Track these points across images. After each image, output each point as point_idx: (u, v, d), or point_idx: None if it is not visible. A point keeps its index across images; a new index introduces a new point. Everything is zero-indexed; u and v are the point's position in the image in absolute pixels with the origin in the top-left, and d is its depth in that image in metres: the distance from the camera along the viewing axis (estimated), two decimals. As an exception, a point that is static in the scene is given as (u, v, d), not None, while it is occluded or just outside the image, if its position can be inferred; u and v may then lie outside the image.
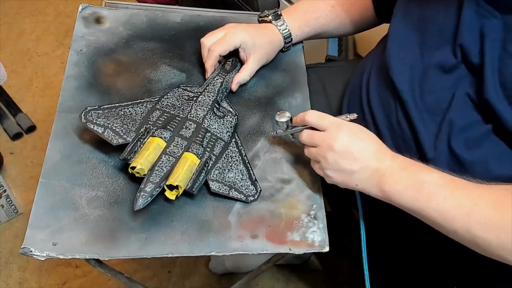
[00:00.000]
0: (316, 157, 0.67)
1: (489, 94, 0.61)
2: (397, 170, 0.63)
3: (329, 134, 0.66)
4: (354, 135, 0.65)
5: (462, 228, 0.57)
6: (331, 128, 0.66)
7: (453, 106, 0.66)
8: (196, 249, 0.66)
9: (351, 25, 0.91)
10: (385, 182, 0.63)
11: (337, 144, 0.64)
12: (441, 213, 0.59)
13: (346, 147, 0.64)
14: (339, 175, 0.66)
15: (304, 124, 0.70)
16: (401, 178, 0.62)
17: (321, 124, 0.67)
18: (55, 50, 1.80)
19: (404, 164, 0.64)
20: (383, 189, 0.63)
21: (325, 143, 0.65)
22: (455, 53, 0.65)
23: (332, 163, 0.65)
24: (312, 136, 0.68)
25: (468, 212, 0.57)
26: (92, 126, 0.70)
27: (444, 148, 0.67)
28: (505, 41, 0.60)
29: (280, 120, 0.73)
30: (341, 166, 0.65)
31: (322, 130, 0.67)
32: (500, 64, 0.60)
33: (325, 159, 0.66)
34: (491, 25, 0.61)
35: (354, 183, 0.66)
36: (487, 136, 0.64)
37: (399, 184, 0.62)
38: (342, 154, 0.64)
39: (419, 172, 0.62)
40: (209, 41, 0.82)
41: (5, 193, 1.30)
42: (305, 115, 0.68)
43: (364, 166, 0.64)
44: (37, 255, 0.63)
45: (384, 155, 0.65)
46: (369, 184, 0.65)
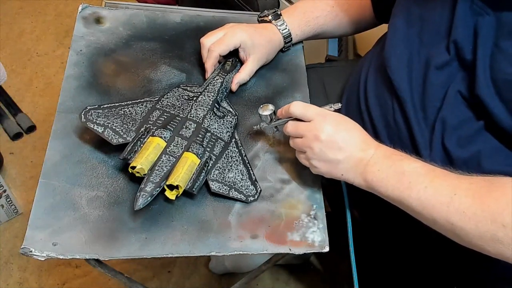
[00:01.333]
0: (301, 148, 0.68)
1: (480, 90, 0.61)
2: (381, 159, 0.64)
3: (315, 124, 0.66)
4: (339, 125, 0.66)
5: (441, 217, 0.58)
6: (317, 118, 0.66)
7: (445, 104, 0.66)
8: (196, 249, 0.66)
9: (350, 25, 0.91)
10: (368, 171, 0.64)
11: (323, 134, 0.65)
12: (421, 201, 0.59)
13: (332, 136, 0.65)
14: (324, 164, 0.67)
15: (288, 116, 0.70)
16: (383, 167, 0.63)
17: (306, 115, 0.67)
18: (55, 50, 1.80)
19: (388, 153, 0.65)
20: (366, 178, 0.64)
21: (311, 133, 0.66)
22: (448, 50, 0.66)
23: (318, 153, 0.66)
24: (297, 127, 0.68)
25: (448, 202, 0.57)
26: (92, 126, 0.70)
27: (438, 147, 0.67)
28: (497, 38, 0.61)
29: (264, 114, 0.74)
30: (327, 156, 0.65)
31: (307, 121, 0.67)
32: (491, 60, 0.61)
33: (311, 149, 0.66)
34: (484, 22, 0.62)
35: (339, 172, 0.66)
36: (479, 133, 0.64)
37: (382, 173, 0.63)
38: (327, 144, 0.65)
39: (400, 161, 0.63)
40: (209, 41, 0.82)
41: (5, 193, 1.30)
42: (289, 106, 0.69)
43: (349, 155, 0.65)
44: (37, 255, 0.63)
45: (368, 145, 0.66)
46: (353, 174, 0.66)
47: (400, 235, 0.84)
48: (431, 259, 0.82)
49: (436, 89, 0.67)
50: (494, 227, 0.54)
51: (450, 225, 0.57)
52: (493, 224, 0.54)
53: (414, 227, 0.67)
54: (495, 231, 0.54)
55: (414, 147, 0.70)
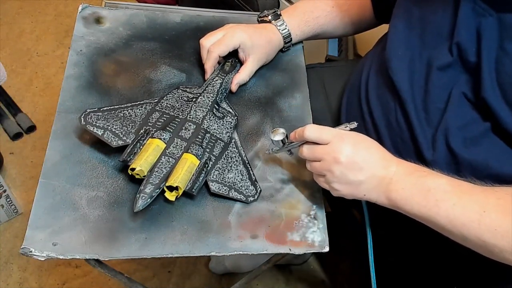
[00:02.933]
0: (321, 171, 0.66)
1: (486, 93, 0.61)
2: (403, 176, 0.62)
3: (333, 147, 0.64)
4: (357, 145, 0.64)
5: (472, 235, 0.57)
6: (334, 140, 0.64)
7: (450, 106, 0.66)
8: (196, 249, 0.66)
9: (350, 26, 0.91)
10: (391, 190, 0.62)
11: (342, 156, 0.62)
12: (450, 220, 0.58)
13: (352, 157, 0.62)
14: (346, 187, 0.64)
15: (303, 140, 0.67)
16: (407, 184, 0.61)
17: (322, 138, 0.65)
18: (55, 50, 1.80)
19: (410, 169, 0.63)
20: (389, 196, 0.63)
21: (330, 156, 0.63)
22: (451, 51, 0.65)
23: (339, 176, 0.63)
24: (314, 151, 0.66)
25: (478, 219, 0.56)
26: (91, 128, 0.70)
27: (442, 148, 0.67)
28: (501, 40, 0.60)
29: (275, 139, 0.70)
30: (348, 178, 0.63)
31: (323, 144, 0.65)
32: (497, 63, 0.60)
33: (331, 172, 0.64)
34: (487, 23, 0.62)
35: (361, 193, 0.64)
36: (485, 135, 0.64)
37: (406, 191, 0.61)
38: (348, 166, 0.62)
39: (425, 177, 0.61)
40: (208, 42, 0.82)
41: (5, 193, 1.30)
42: (303, 130, 0.66)
43: (371, 175, 0.63)
44: (37, 255, 0.63)
45: (389, 161, 0.64)
46: (376, 193, 0.64)
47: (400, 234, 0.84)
48: (431, 259, 0.82)
49: (439, 91, 0.67)
50: None
51: (482, 242, 0.57)
52: None
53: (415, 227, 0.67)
54: None
55: (416, 147, 0.69)
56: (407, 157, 0.70)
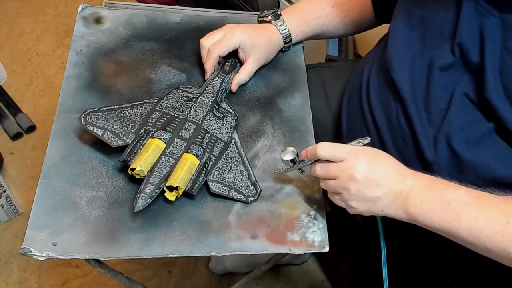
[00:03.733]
0: (336, 190, 0.64)
1: (490, 94, 0.61)
2: (421, 189, 0.61)
3: (348, 164, 0.62)
4: (372, 161, 0.63)
5: (496, 247, 0.56)
6: (348, 157, 0.63)
7: (452, 106, 0.65)
8: (196, 249, 0.66)
9: (350, 26, 0.91)
10: (410, 204, 0.61)
11: (358, 173, 0.61)
12: (472, 232, 0.57)
13: (367, 174, 0.61)
14: (363, 204, 0.63)
15: (315, 158, 0.66)
16: (426, 198, 0.60)
17: (335, 156, 0.64)
18: (55, 50, 1.80)
19: (427, 182, 0.62)
20: (408, 211, 0.62)
21: (345, 174, 0.62)
22: (453, 52, 0.65)
23: (356, 193, 0.62)
24: (328, 169, 0.65)
25: (502, 231, 0.56)
26: (91, 128, 0.70)
27: (444, 149, 0.66)
28: (505, 40, 0.60)
29: (285, 159, 0.69)
30: (365, 195, 0.62)
31: (337, 161, 0.64)
32: (501, 64, 0.60)
33: (347, 190, 0.63)
34: (490, 24, 0.61)
35: (379, 209, 0.63)
36: (488, 136, 0.64)
37: (425, 205, 0.60)
38: (364, 182, 0.61)
39: (443, 190, 0.60)
40: (208, 42, 0.82)
41: (5, 193, 1.30)
42: (316, 149, 0.64)
43: (387, 190, 0.62)
44: (37, 255, 0.63)
45: (405, 175, 0.63)
46: (394, 208, 0.63)
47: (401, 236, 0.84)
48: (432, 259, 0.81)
49: (441, 91, 0.67)
50: None
51: (507, 253, 0.56)
52: None
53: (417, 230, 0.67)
54: None
55: (417, 147, 0.69)
56: (408, 157, 0.70)
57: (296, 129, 0.81)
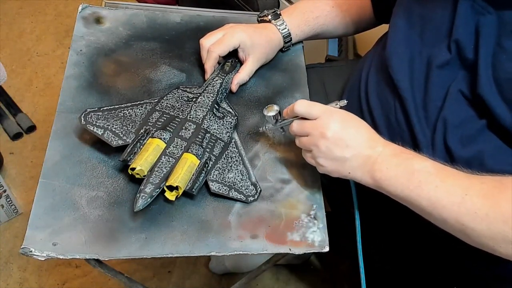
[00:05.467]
0: (308, 146, 0.67)
1: (483, 89, 0.61)
2: (389, 157, 0.63)
3: (321, 122, 0.65)
4: (346, 122, 0.65)
5: (452, 217, 0.57)
6: (323, 116, 0.65)
7: (447, 103, 0.66)
8: (196, 249, 0.66)
9: (350, 26, 0.91)
10: (376, 169, 0.63)
11: (329, 131, 0.63)
12: (431, 202, 0.59)
13: (339, 134, 0.63)
14: (331, 163, 0.65)
15: (294, 115, 0.68)
16: (392, 165, 0.62)
17: (311, 113, 0.66)
18: (55, 50, 1.80)
19: (396, 150, 0.64)
20: (374, 176, 0.63)
21: (317, 131, 0.65)
22: (450, 49, 0.66)
23: (325, 151, 0.64)
24: (303, 126, 0.67)
25: (459, 202, 0.57)
26: (91, 128, 0.70)
27: (440, 146, 0.67)
28: (499, 37, 0.60)
29: (268, 114, 0.72)
30: (334, 154, 0.64)
31: (312, 119, 0.66)
32: (493, 60, 0.61)
33: (317, 147, 0.65)
34: (486, 21, 0.62)
35: (346, 171, 0.65)
36: (481, 132, 0.64)
37: (390, 171, 0.62)
38: (334, 141, 0.63)
39: (410, 159, 0.62)
40: (208, 42, 0.82)
41: (5, 193, 1.30)
42: (294, 105, 0.67)
43: (357, 153, 0.63)
44: (37, 255, 0.63)
45: (376, 142, 0.65)
46: (361, 172, 0.64)
47: (400, 233, 0.84)
48: (431, 258, 0.82)
49: (438, 88, 0.67)
50: (507, 228, 0.54)
51: (461, 225, 0.57)
52: (505, 225, 0.54)
53: (415, 225, 0.67)
54: (507, 232, 0.54)
55: (416, 146, 0.70)
56: None
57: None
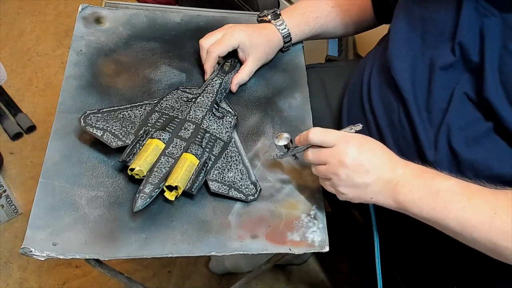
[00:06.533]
0: (326, 175, 0.65)
1: (489, 93, 0.61)
2: (411, 178, 0.61)
3: (338, 150, 0.63)
4: (363, 147, 0.63)
5: (482, 237, 0.56)
6: (339, 143, 0.63)
7: (452, 106, 0.66)
8: (196, 249, 0.66)
9: (350, 26, 0.91)
10: (399, 192, 0.61)
11: (348, 158, 0.62)
12: (460, 222, 0.57)
13: (357, 160, 0.62)
14: (352, 190, 0.64)
15: (307, 143, 0.66)
16: (415, 187, 0.61)
17: (326, 141, 0.64)
18: (55, 50, 1.80)
19: (417, 171, 0.62)
20: (397, 199, 0.62)
21: (335, 159, 0.63)
22: (454, 51, 0.65)
23: (345, 179, 0.63)
24: (319, 154, 0.65)
25: (489, 222, 0.56)
26: (91, 130, 0.70)
27: (444, 149, 0.67)
28: (505, 40, 0.60)
29: (279, 144, 0.70)
30: (355, 181, 0.62)
31: (328, 147, 0.64)
32: (500, 63, 0.60)
33: (337, 175, 0.63)
34: (490, 23, 0.62)
35: (368, 196, 0.64)
36: (487, 135, 0.64)
37: (414, 193, 0.60)
38: (354, 168, 0.62)
39: (433, 179, 0.61)
40: (207, 43, 0.82)
41: (5, 193, 1.30)
42: (307, 134, 0.65)
43: (377, 177, 0.62)
44: (37, 255, 0.63)
45: (395, 163, 0.63)
46: (383, 196, 0.63)
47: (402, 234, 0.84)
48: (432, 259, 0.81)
49: (441, 90, 0.67)
50: None
51: (492, 244, 0.56)
52: None
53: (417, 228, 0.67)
54: None
55: (418, 147, 0.69)
56: (410, 156, 0.70)
57: (296, 129, 0.81)
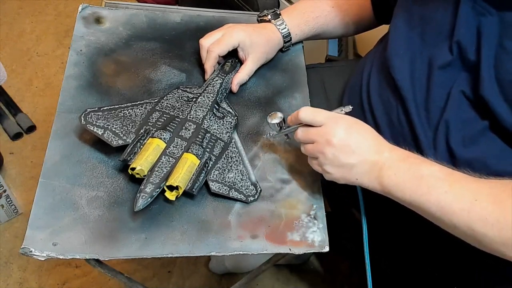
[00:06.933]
0: (313, 153, 0.66)
1: (485, 91, 0.61)
2: (396, 162, 0.62)
3: (326, 129, 0.64)
4: (351, 128, 0.64)
5: (462, 223, 0.57)
6: (328, 122, 0.64)
7: (449, 104, 0.66)
8: (196, 249, 0.66)
9: (350, 26, 0.91)
10: (383, 175, 0.62)
11: (335, 138, 0.63)
12: (441, 207, 0.58)
13: (344, 140, 0.63)
14: (338, 170, 0.65)
15: (298, 122, 0.68)
16: (400, 170, 0.61)
17: (316, 120, 0.65)
18: (55, 50, 1.80)
19: (403, 155, 0.63)
20: (382, 182, 0.63)
21: (323, 138, 0.64)
22: (451, 50, 0.65)
23: (331, 158, 0.64)
24: (308, 133, 0.66)
25: (469, 207, 0.56)
26: (92, 128, 0.70)
27: (442, 147, 0.67)
28: (501, 38, 0.60)
29: (272, 122, 0.72)
30: (340, 161, 0.63)
31: (317, 126, 0.66)
32: (496, 61, 0.60)
33: (323, 154, 0.64)
34: (487, 22, 0.62)
35: (353, 177, 0.64)
36: (483, 133, 0.64)
37: (398, 177, 0.61)
38: (340, 148, 0.63)
39: (418, 164, 0.61)
40: (207, 42, 0.82)
41: (5, 193, 1.30)
42: (298, 112, 0.67)
43: (363, 159, 0.63)
44: (37, 255, 0.63)
45: (382, 147, 0.64)
46: (368, 178, 0.64)
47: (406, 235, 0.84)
48: (431, 258, 0.82)
49: (439, 89, 0.67)
50: None
51: (471, 231, 0.56)
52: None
53: (416, 226, 0.67)
54: None
55: (418, 146, 0.70)
56: None
57: (296, 129, 0.81)
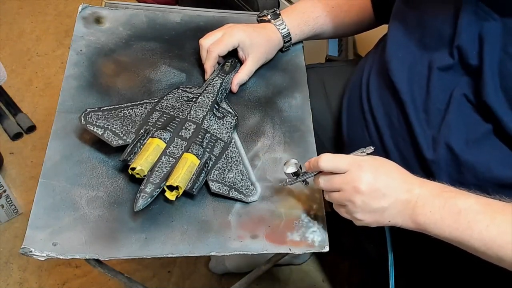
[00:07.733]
0: (341, 202, 0.63)
1: (489, 97, 0.61)
2: (430, 198, 0.60)
3: (352, 176, 0.60)
4: (377, 171, 0.61)
5: (509, 256, 0.55)
6: (352, 169, 0.61)
7: (451, 107, 0.65)
8: (196, 249, 0.66)
9: (350, 26, 0.91)
10: (418, 213, 0.60)
11: (362, 184, 0.59)
12: (485, 242, 0.56)
13: (373, 185, 0.59)
14: (370, 215, 0.61)
15: (318, 170, 0.64)
16: (435, 207, 0.59)
17: (339, 167, 0.62)
18: (55, 50, 1.80)
19: (436, 190, 0.61)
20: (416, 220, 0.60)
21: (349, 186, 0.60)
22: (452, 54, 0.65)
23: (361, 205, 0.60)
24: (332, 182, 0.63)
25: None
26: (92, 128, 0.70)
27: (443, 149, 0.66)
28: (505, 44, 0.60)
29: (288, 172, 0.67)
30: (372, 206, 0.60)
31: (340, 173, 0.62)
32: (500, 67, 0.60)
33: (352, 202, 0.61)
34: (490, 27, 0.61)
35: (386, 220, 0.62)
36: (487, 137, 0.64)
37: (435, 214, 0.59)
38: (370, 194, 0.60)
39: (453, 198, 0.59)
40: (207, 42, 0.82)
41: (5, 193, 1.30)
42: (318, 161, 0.63)
43: (394, 200, 0.60)
44: (37, 255, 0.63)
45: (411, 184, 0.61)
46: (402, 218, 0.61)
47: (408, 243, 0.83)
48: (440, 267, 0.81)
49: (440, 92, 0.67)
50: None
51: None
52: None
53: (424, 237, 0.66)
54: None
55: (416, 147, 0.69)
56: (409, 157, 0.70)
57: (296, 129, 0.81)
